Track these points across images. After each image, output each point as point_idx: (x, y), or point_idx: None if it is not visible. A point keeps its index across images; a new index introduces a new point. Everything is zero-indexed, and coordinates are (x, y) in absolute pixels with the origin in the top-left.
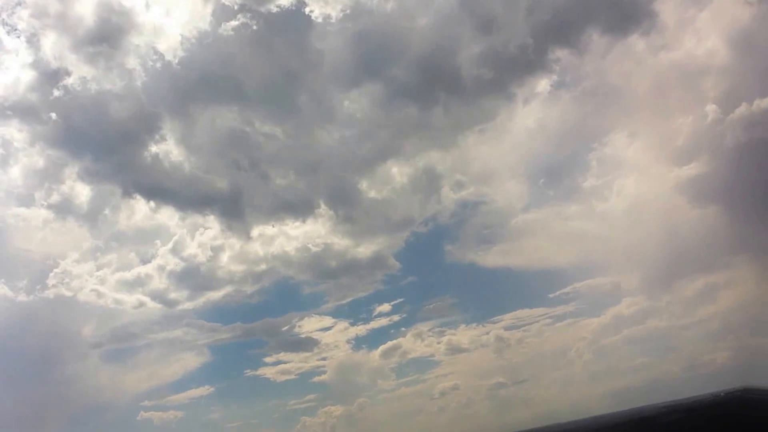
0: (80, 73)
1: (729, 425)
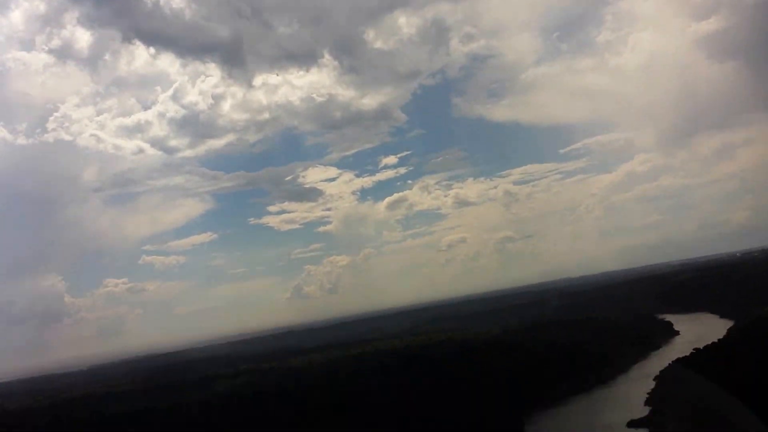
0: None
1: (743, 285)
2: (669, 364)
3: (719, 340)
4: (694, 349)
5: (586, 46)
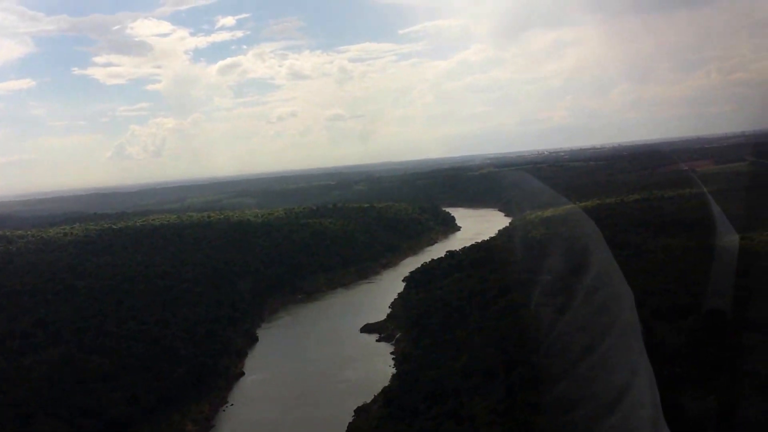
0: None
1: (534, 185)
2: (422, 265)
3: (481, 241)
4: (447, 252)
5: None
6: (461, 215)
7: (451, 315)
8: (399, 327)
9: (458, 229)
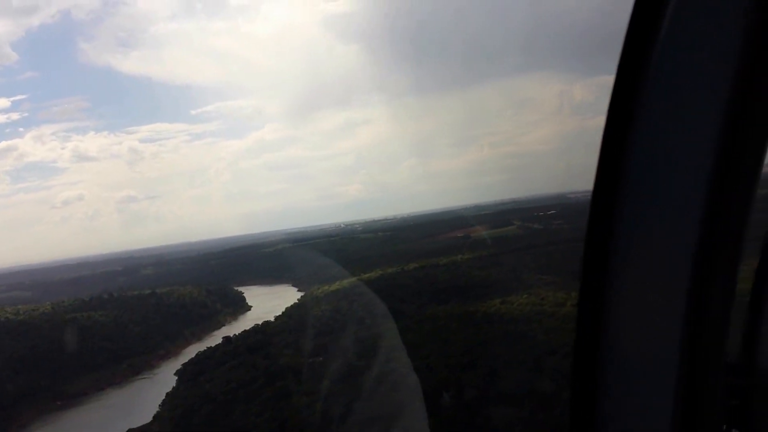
0: None
1: (330, 257)
2: (196, 355)
3: (262, 323)
4: (223, 337)
5: (220, 8)
6: (254, 294)
7: (215, 412)
8: (164, 430)
9: (249, 308)
